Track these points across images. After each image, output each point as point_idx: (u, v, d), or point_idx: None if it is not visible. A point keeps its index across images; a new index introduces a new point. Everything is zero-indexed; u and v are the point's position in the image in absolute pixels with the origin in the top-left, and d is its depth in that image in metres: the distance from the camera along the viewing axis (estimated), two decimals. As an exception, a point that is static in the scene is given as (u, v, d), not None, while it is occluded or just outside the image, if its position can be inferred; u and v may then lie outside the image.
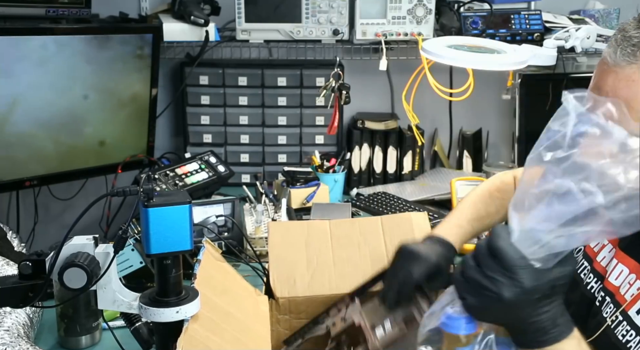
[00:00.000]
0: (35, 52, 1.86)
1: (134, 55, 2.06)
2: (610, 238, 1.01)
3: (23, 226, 2.25)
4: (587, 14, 2.35)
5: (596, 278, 1.10)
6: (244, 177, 2.35)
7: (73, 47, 1.93)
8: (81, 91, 2.00)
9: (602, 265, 1.09)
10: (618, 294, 1.02)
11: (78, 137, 2.05)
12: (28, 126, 1.92)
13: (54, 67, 1.91)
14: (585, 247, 1.16)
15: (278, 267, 1.24)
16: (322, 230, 1.32)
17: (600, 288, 1.07)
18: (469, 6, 2.24)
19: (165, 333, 0.98)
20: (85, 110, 2.03)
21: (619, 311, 1.00)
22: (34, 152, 1.96)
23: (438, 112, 2.48)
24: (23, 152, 1.94)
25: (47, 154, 1.99)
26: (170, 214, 0.94)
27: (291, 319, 1.22)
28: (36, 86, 1.89)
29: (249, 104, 2.33)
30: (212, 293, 1.05)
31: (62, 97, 1.96)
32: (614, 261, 1.06)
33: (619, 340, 0.98)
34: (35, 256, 0.99)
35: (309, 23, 2.18)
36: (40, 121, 1.94)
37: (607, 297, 1.04)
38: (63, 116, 1.98)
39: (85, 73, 1.98)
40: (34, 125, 1.93)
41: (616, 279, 1.04)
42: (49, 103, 1.94)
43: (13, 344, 1.16)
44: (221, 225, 1.79)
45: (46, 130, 1.96)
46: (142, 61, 2.08)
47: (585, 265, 1.14)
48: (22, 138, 1.92)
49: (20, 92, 1.87)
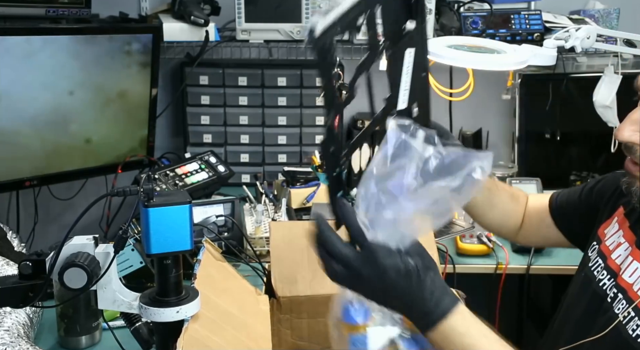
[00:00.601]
0: (37, 52, 1.85)
1: (136, 55, 2.06)
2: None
3: (23, 226, 2.25)
4: (587, 14, 2.35)
5: (609, 275, 1.10)
6: (244, 177, 2.35)
7: (74, 47, 1.93)
8: (67, 88, 1.97)
9: (617, 262, 1.10)
10: (631, 290, 1.03)
11: (79, 138, 2.04)
12: (12, 124, 1.89)
13: (39, 63, 1.88)
14: (601, 245, 1.16)
15: (279, 267, 1.24)
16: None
17: (613, 285, 1.08)
18: (469, 6, 2.24)
19: (165, 333, 0.98)
20: (71, 107, 2.00)
21: (631, 307, 1.01)
22: (19, 150, 1.93)
23: (438, 112, 2.48)
24: (23, 151, 1.92)
25: (33, 152, 1.96)
26: (170, 214, 0.94)
27: (292, 319, 1.22)
28: (21, 83, 1.87)
29: (249, 104, 2.33)
30: (213, 293, 1.05)
31: (48, 93, 1.94)
32: (630, 259, 1.07)
33: (630, 336, 0.99)
34: (35, 256, 0.99)
35: (309, 23, 2.17)
36: (25, 118, 1.91)
37: (619, 294, 1.05)
38: (48, 113, 1.95)
39: (85, 73, 1.98)
40: (19, 122, 1.90)
41: (630, 276, 1.05)
42: (34, 100, 1.91)
43: (13, 344, 1.16)
44: (221, 225, 1.79)
45: (31, 127, 1.93)
46: (145, 61, 2.08)
47: (600, 263, 1.14)
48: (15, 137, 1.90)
49: (3, 88, 1.84)
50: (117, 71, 2.05)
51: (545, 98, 2.16)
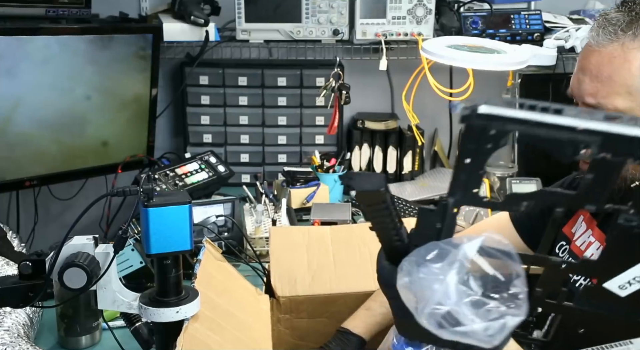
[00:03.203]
0: (37, 52, 1.86)
1: (136, 55, 2.06)
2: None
3: (23, 226, 2.25)
4: (587, 14, 2.35)
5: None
6: (244, 177, 2.35)
7: (75, 47, 1.93)
8: (84, 92, 2.00)
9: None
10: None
11: (80, 138, 2.04)
12: (30, 126, 1.92)
13: (55, 67, 1.91)
14: (571, 245, 1.18)
15: (279, 267, 1.25)
16: (322, 235, 1.33)
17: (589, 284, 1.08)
18: (469, 6, 2.24)
19: (165, 333, 0.98)
20: (88, 111, 2.03)
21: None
22: (36, 153, 1.96)
23: (438, 112, 2.48)
24: (25, 152, 1.94)
25: (49, 155, 1.99)
26: (170, 214, 0.94)
27: (292, 318, 1.22)
28: (38, 86, 1.89)
29: (249, 104, 2.33)
30: (213, 293, 1.05)
31: (64, 97, 1.96)
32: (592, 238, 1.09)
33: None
34: (35, 256, 0.99)
35: (309, 23, 2.18)
36: (42, 121, 1.94)
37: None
38: (65, 116, 1.98)
39: (87, 73, 1.98)
40: (36, 125, 1.93)
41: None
42: (51, 103, 1.94)
43: (13, 344, 1.16)
44: (221, 225, 1.79)
45: (48, 130, 1.96)
46: (145, 61, 2.08)
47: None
48: (24, 138, 1.92)
49: (23, 92, 1.87)
50: (117, 71, 2.05)
51: (545, 98, 2.16)
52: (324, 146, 2.36)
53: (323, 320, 1.24)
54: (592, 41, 1.04)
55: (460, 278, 0.69)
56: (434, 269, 0.69)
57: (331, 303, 1.22)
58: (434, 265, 0.70)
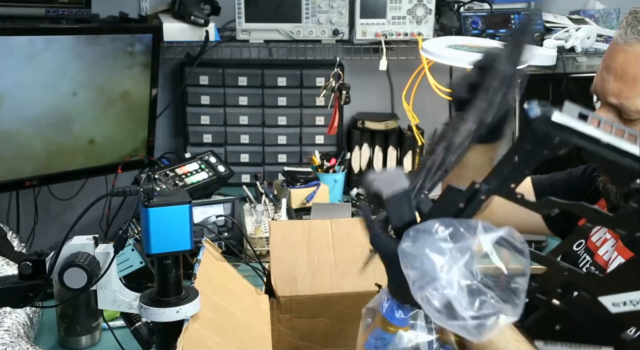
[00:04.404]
0: (24, 49, 1.83)
1: (125, 52, 2.04)
2: None
3: (23, 226, 2.25)
4: (587, 14, 2.35)
5: (598, 271, 1.11)
6: (244, 177, 2.35)
7: (61, 43, 1.90)
8: (70, 89, 1.97)
9: (605, 259, 1.11)
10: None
11: (67, 136, 2.02)
12: (15, 124, 1.89)
13: (42, 64, 1.88)
14: (587, 241, 1.17)
15: (279, 266, 1.24)
16: (323, 230, 1.32)
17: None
18: (469, 6, 2.24)
19: (165, 333, 0.98)
20: (74, 108, 2.00)
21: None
22: (21, 151, 1.93)
23: (438, 112, 2.48)
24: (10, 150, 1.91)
25: (35, 153, 1.96)
26: (170, 214, 0.94)
27: (292, 318, 1.22)
28: (24, 83, 1.86)
29: (249, 104, 2.33)
30: (213, 293, 1.05)
31: (51, 94, 1.93)
32: (615, 254, 1.07)
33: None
34: (35, 256, 0.99)
35: (309, 23, 2.18)
36: (28, 119, 1.91)
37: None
38: (51, 114, 1.95)
39: (74, 70, 1.96)
40: (21, 123, 1.90)
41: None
42: (36, 100, 1.91)
43: (13, 344, 1.16)
44: (221, 225, 1.79)
45: (34, 128, 1.93)
46: (133, 58, 2.07)
47: (588, 260, 1.15)
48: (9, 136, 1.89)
49: (6, 89, 1.83)
50: (117, 71, 2.04)
51: (545, 98, 2.15)
52: (324, 146, 2.36)
53: (323, 320, 1.23)
54: (619, 39, 1.00)
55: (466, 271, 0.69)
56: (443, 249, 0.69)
57: (332, 303, 1.22)
58: (445, 245, 0.69)
